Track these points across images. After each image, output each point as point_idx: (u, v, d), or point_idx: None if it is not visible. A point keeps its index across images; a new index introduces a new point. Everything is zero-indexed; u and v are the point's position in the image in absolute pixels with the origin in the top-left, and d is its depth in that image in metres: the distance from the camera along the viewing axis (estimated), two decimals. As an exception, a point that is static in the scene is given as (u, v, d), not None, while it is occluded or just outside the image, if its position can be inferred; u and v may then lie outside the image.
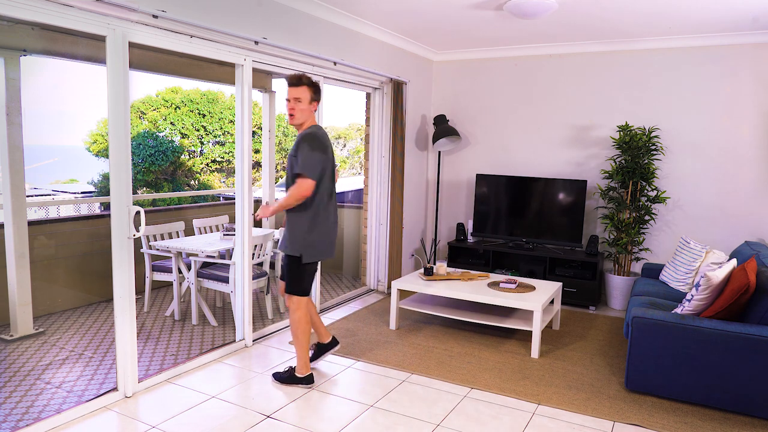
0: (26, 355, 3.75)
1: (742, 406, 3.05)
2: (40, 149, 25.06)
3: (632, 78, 5.32)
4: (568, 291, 5.22)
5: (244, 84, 3.79)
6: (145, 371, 3.45)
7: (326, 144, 3.23)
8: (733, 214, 5.03)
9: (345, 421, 2.95)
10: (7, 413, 2.90)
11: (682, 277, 4.42)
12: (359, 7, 4.44)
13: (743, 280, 3.09)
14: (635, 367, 3.31)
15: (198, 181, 12.75)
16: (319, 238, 3.22)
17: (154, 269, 4.64)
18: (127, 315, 3.09)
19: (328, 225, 3.26)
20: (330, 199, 3.27)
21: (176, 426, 2.84)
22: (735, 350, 3.01)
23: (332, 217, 3.29)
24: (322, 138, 3.19)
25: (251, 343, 4.02)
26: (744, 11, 4.13)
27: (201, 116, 12.39)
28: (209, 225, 5.22)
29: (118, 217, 3.00)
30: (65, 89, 30.12)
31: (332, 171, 3.29)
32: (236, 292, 4.00)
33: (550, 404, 3.21)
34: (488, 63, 6.01)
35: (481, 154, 6.17)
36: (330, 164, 3.25)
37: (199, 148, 12.69)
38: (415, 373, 3.59)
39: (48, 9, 2.61)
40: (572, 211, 5.42)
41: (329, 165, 3.24)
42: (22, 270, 4.04)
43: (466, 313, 4.27)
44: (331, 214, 3.28)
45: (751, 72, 4.86)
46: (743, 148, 4.95)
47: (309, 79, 3.20)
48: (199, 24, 3.33)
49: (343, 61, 4.70)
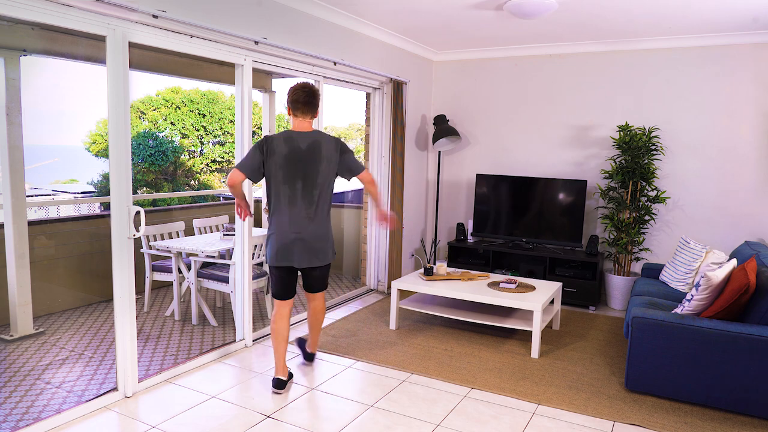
0: (26, 355, 3.75)
1: (742, 406, 3.05)
2: (40, 149, 25.06)
3: (632, 78, 5.32)
4: (568, 291, 5.22)
5: (244, 84, 3.79)
6: (145, 371, 3.45)
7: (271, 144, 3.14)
8: (733, 214, 5.03)
9: (345, 421, 2.95)
10: (7, 413, 2.90)
11: (682, 277, 4.42)
12: (359, 7, 4.44)
13: (743, 280, 3.09)
14: (635, 367, 3.31)
15: (198, 181, 12.76)
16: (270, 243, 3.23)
17: (154, 269, 4.64)
18: (127, 315, 3.08)
19: (283, 230, 3.16)
20: (288, 204, 3.14)
21: (176, 426, 2.84)
22: (735, 350, 3.01)
23: (288, 220, 3.14)
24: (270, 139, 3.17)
25: (251, 343, 4.02)
26: (744, 11, 4.13)
27: (201, 116, 12.40)
28: (209, 225, 5.22)
29: (118, 217, 3.00)
30: (65, 89, 30.06)
31: (290, 172, 3.12)
32: (236, 292, 4.00)
33: (550, 404, 3.21)
34: (488, 63, 6.01)
35: (481, 154, 6.17)
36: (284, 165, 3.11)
37: (199, 148, 12.70)
38: (415, 373, 3.59)
39: (48, 9, 2.61)
40: (572, 211, 5.42)
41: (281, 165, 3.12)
42: (22, 270, 4.04)
43: (466, 313, 4.27)
44: (286, 217, 3.14)
45: (751, 72, 4.86)
46: (743, 148, 4.95)
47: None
48: (199, 24, 3.33)
49: (343, 61, 4.70)
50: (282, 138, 3.13)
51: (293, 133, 3.16)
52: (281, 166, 3.11)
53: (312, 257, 3.21)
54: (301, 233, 3.15)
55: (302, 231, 3.15)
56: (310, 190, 3.14)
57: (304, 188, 3.13)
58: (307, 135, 3.16)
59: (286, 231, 3.14)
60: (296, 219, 3.14)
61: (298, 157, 3.11)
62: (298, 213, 3.14)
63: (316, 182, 3.15)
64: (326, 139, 3.19)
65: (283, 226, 3.15)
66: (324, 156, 3.15)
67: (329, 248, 3.29)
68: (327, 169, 3.17)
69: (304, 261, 3.20)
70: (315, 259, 3.22)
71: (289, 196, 3.13)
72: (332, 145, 3.20)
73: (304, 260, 3.19)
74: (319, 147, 3.15)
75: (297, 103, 3.16)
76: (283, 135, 3.14)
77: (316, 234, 3.18)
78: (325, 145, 3.17)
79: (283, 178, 3.12)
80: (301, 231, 3.15)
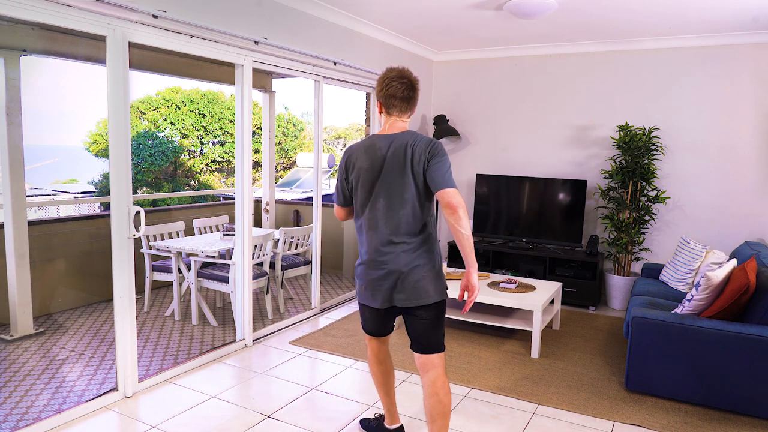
0: (26, 355, 3.75)
1: (742, 406, 3.05)
2: (40, 149, 25.08)
3: (632, 78, 5.32)
4: (568, 291, 5.22)
5: (244, 84, 3.79)
6: (145, 371, 3.45)
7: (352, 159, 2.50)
8: (733, 214, 5.03)
9: (345, 421, 2.95)
10: (7, 413, 2.90)
11: (682, 277, 4.42)
12: (359, 7, 4.44)
13: (743, 280, 3.09)
14: (635, 367, 3.31)
15: (198, 181, 12.76)
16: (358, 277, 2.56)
17: (154, 269, 4.64)
18: (127, 315, 3.09)
19: (365, 262, 2.47)
20: (368, 228, 2.45)
21: (176, 426, 2.84)
22: (735, 350, 3.01)
23: (369, 249, 2.44)
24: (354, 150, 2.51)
25: (251, 343, 4.02)
26: (744, 11, 4.13)
27: (201, 116, 12.40)
28: (209, 225, 5.22)
29: (118, 217, 3.00)
30: (65, 89, 30.08)
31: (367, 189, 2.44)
32: (236, 292, 4.00)
33: (550, 404, 3.21)
34: (488, 63, 6.01)
35: (481, 154, 6.17)
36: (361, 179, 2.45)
37: (199, 148, 12.70)
38: (414, 373, 3.59)
39: (48, 9, 2.61)
40: (572, 211, 5.42)
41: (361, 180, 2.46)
42: (22, 270, 4.04)
43: (466, 312, 4.26)
44: (367, 246, 2.46)
45: (751, 72, 4.86)
46: (743, 148, 4.95)
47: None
48: (199, 24, 3.33)
49: (343, 61, 4.70)
50: (363, 147, 2.44)
51: (377, 138, 2.44)
52: (360, 183, 2.43)
53: (404, 295, 2.38)
54: (390, 266, 2.38)
55: (390, 263, 2.38)
56: (396, 209, 2.37)
57: (387, 208, 2.39)
58: (395, 138, 2.40)
59: (370, 266, 2.44)
60: (379, 247, 2.40)
61: (378, 169, 2.39)
62: (381, 239, 2.40)
63: (403, 198, 2.37)
64: (416, 140, 2.37)
65: (365, 259, 2.47)
66: (414, 162, 2.35)
67: (431, 285, 2.39)
68: (418, 179, 2.35)
69: (398, 300, 2.40)
70: (409, 297, 2.38)
71: (369, 220, 2.43)
72: (423, 145, 2.35)
73: (389, 299, 2.42)
74: (406, 151, 2.36)
75: (393, 99, 2.42)
76: (365, 143, 2.46)
77: (409, 265, 2.37)
78: (416, 147, 2.35)
79: (362, 197, 2.44)
80: (388, 263, 2.38)
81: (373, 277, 2.42)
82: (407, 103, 2.45)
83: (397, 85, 2.43)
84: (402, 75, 2.45)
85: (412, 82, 2.46)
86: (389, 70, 2.48)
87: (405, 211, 2.37)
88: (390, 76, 2.45)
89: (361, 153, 2.43)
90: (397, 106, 2.44)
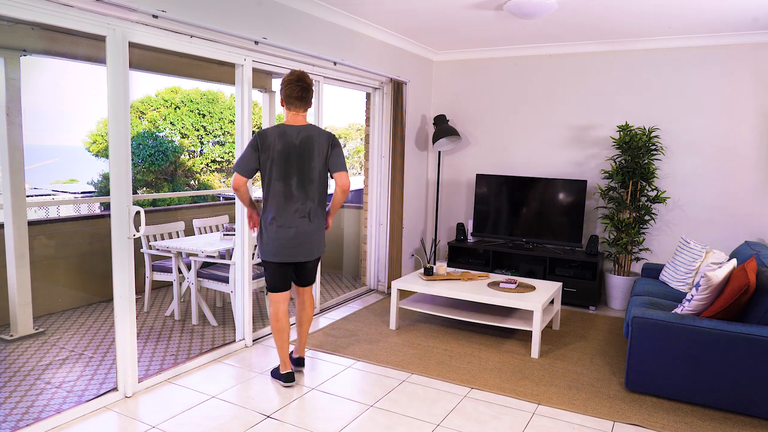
0: (26, 355, 3.75)
1: (742, 406, 3.05)
2: (40, 149, 25.09)
3: (632, 78, 5.32)
4: (568, 291, 5.22)
5: (244, 84, 3.79)
6: (145, 371, 3.45)
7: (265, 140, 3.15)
8: (733, 214, 5.03)
9: (345, 421, 2.95)
10: (7, 413, 2.90)
11: (682, 277, 4.42)
12: (359, 7, 4.44)
13: (743, 280, 3.09)
14: (635, 367, 3.31)
15: (198, 181, 12.76)
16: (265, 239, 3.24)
17: (154, 269, 4.64)
18: (127, 315, 3.09)
19: (279, 226, 3.17)
20: (284, 200, 3.15)
21: (176, 426, 2.84)
22: (735, 350, 3.01)
23: (284, 216, 3.16)
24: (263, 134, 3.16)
25: (251, 343, 4.02)
26: (744, 11, 4.13)
27: (201, 116, 12.40)
28: (209, 225, 5.22)
29: (118, 217, 3.00)
30: (65, 89, 30.10)
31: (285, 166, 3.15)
32: (236, 292, 4.00)
33: (550, 404, 3.21)
34: (488, 63, 6.01)
35: (481, 154, 6.17)
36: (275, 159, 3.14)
37: (199, 148, 12.70)
38: (415, 373, 3.59)
39: (48, 9, 2.61)
40: (572, 211, 5.42)
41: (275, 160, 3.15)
42: (22, 270, 4.04)
43: (466, 313, 4.27)
44: (282, 213, 3.16)
45: (751, 72, 4.86)
46: (743, 148, 4.95)
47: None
48: (199, 24, 3.33)
49: (343, 61, 4.70)
50: (276, 133, 3.13)
51: (287, 127, 3.16)
52: (275, 162, 3.12)
53: (308, 252, 3.27)
54: (298, 228, 3.19)
55: (299, 227, 3.19)
56: (305, 186, 3.17)
57: (299, 184, 3.16)
58: (301, 129, 3.17)
59: (284, 227, 3.17)
60: (292, 215, 3.17)
61: (291, 153, 3.13)
62: (294, 209, 3.16)
63: (310, 177, 3.18)
64: (319, 133, 3.20)
65: (279, 223, 3.16)
66: (317, 151, 3.17)
67: (322, 242, 3.35)
68: (320, 163, 3.20)
69: (302, 256, 3.25)
70: (311, 253, 3.28)
71: (284, 193, 3.14)
72: (324, 138, 3.21)
73: (302, 255, 3.25)
74: (312, 142, 3.17)
75: (290, 98, 3.16)
76: (277, 130, 3.15)
77: (311, 229, 3.23)
78: (318, 140, 3.18)
79: (277, 174, 3.13)
80: (298, 227, 3.18)
81: (286, 236, 3.17)
82: (303, 101, 3.18)
83: (293, 87, 3.14)
84: (299, 79, 3.15)
85: (308, 85, 3.18)
86: (290, 73, 3.17)
87: (312, 186, 3.18)
88: (290, 79, 3.15)
89: (276, 138, 3.11)
90: (294, 103, 3.17)
